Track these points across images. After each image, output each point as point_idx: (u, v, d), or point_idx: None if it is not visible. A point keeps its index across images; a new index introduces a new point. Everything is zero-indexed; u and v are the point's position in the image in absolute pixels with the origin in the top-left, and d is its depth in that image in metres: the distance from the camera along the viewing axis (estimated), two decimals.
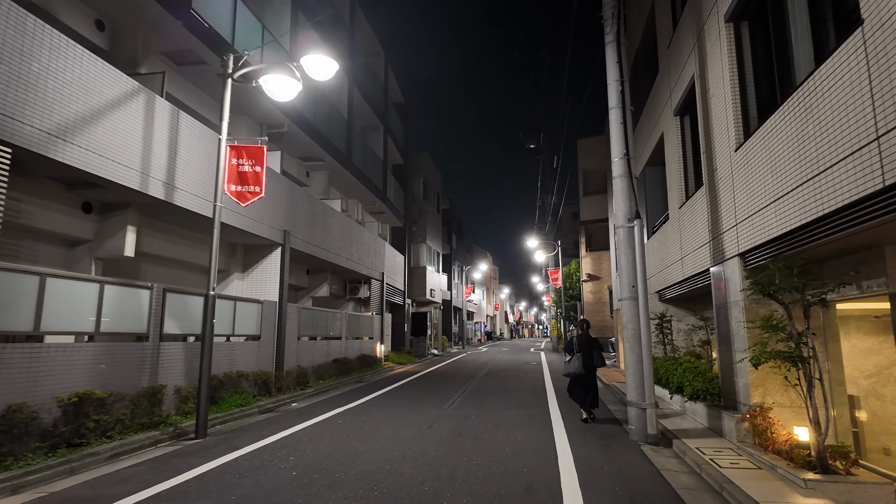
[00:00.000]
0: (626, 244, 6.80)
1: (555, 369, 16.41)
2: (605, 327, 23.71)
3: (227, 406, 8.06)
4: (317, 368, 12.05)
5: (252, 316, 9.61)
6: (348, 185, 16.01)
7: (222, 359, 8.62)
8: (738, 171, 6.15)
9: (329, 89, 14.59)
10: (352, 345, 14.57)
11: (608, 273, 24.01)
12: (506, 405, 8.99)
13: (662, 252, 10.38)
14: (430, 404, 9.06)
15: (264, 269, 10.67)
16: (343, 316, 13.96)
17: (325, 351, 12.69)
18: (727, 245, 6.56)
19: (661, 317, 9.89)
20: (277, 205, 10.53)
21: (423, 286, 24.41)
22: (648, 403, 6.28)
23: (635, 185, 6.98)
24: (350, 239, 14.68)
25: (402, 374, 14.88)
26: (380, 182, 17.98)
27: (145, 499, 4.12)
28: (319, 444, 6.01)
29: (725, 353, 6.71)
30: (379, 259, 17.49)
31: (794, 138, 4.80)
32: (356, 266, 15.09)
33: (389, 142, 19.83)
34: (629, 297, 6.69)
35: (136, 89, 6.93)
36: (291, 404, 9.41)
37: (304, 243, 11.71)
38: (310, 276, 14.20)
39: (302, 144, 12.85)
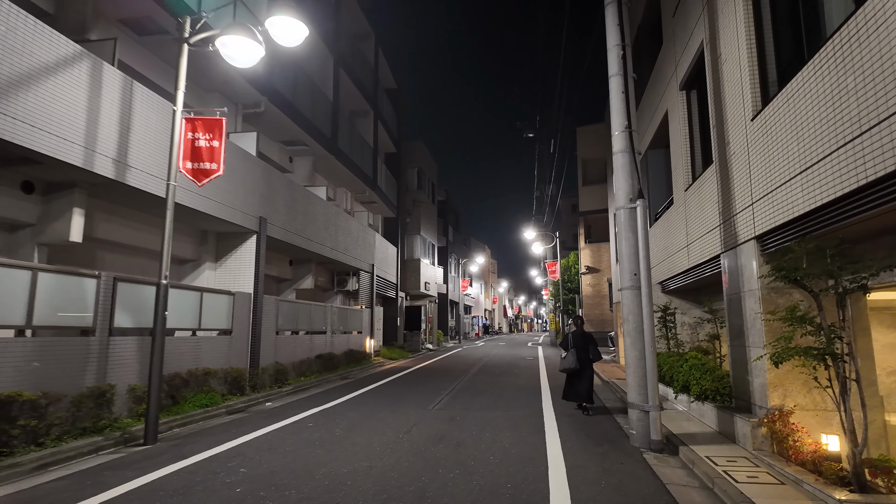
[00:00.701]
0: (628, 227, 6.07)
1: (551, 365, 15.73)
2: (604, 321, 23.03)
3: (189, 406, 7.36)
4: (298, 365, 11.35)
5: (222, 308, 8.89)
6: (335, 172, 15.25)
7: (187, 355, 7.91)
8: (756, 143, 5.41)
9: (312, 69, 13.83)
10: (338, 340, 13.88)
11: (608, 265, 23.30)
12: (495, 405, 8.29)
13: (666, 240, 9.65)
14: (414, 404, 8.36)
15: (239, 259, 9.95)
16: (328, 309, 13.25)
17: (307, 346, 11.99)
18: (741, 228, 5.83)
19: (665, 309, 9.18)
20: (252, 189, 9.79)
21: (417, 279, 23.69)
22: (652, 405, 5.58)
23: (638, 162, 6.24)
24: (336, 228, 13.94)
25: (390, 371, 14.19)
26: (370, 170, 17.22)
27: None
28: (279, 452, 5.31)
29: (738, 348, 5.99)
30: (368, 250, 16.77)
31: (827, 96, 4.06)
32: (343, 257, 14.37)
33: (380, 128, 19.05)
34: (631, 286, 5.97)
35: (79, 54, 6.17)
36: (265, 404, 8.72)
37: (284, 231, 10.98)
38: (293, 267, 13.47)
39: (282, 127, 12.10)
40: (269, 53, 10.91)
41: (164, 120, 7.40)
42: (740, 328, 5.90)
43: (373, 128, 17.91)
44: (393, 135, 21.13)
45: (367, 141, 17.37)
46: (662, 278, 10.03)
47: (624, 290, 6.04)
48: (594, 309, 23.07)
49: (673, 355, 8.50)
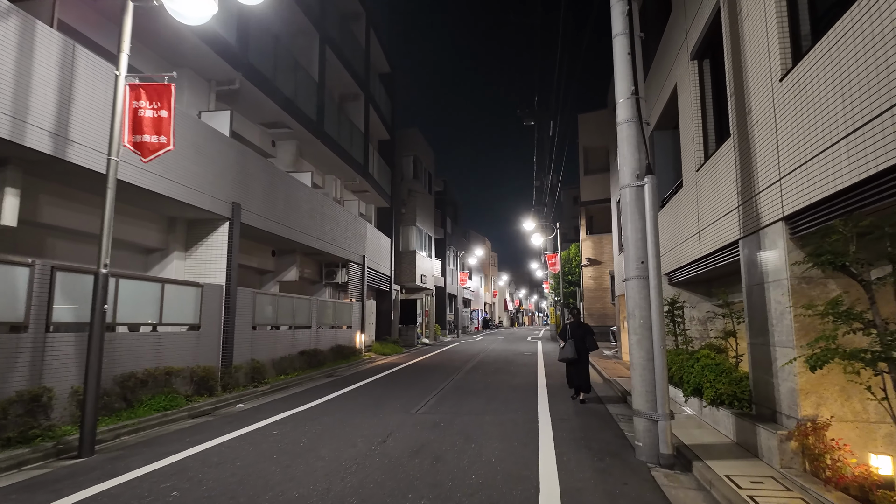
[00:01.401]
0: (635, 208, 5.28)
1: (550, 361, 14.98)
2: (605, 315, 22.26)
3: (145, 410, 6.63)
4: (278, 362, 10.61)
5: (188, 301, 8.14)
6: (322, 158, 14.45)
7: (145, 353, 7.17)
8: (785, 108, 4.60)
9: (296, 48, 13.01)
10: (325, 335, 13.14)
11: (610, 257, 22.51)
12: (486, 408, 7.54)
13: (674, 227, 8.86)
14: (398, 406, 7.62)
15: (210, 248, 9.18)
16: (313, 303, 12.50)
17: (289, 342, 11.25)
18: (765, 208, 5.04)
19: (673, 303, 8.40)
20: (223, 172, 9.01)
21: (412, 271, 22.93)
22: (661, 414, 4.81)
23: (646, 133, 5.44)
24: (323, 217, 13.16)
25: (381, 367, 13.46)
26: (360, 157, 16.40)
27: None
28: (228, 468, 4.57)
29: (760, 347, 5.22)
30: (359, 241, 15.99)
31: (887, 35, 3.25)
32: (330, 248, 13.59)
33: (372, 114, 18.20)
34: (637, 275, 5.19)
35: (5, 12, 5.38)
36: (236, 406, 7.99)
37: (262, 219, 10.20)
38: (276, 258, 12.71)
39: (262, 107, 11.29)
40: (243, 25, 10.12)
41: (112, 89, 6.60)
42: (763, 324, 5.12)
43: (364, 112, 17.08)
44: (386, 121, 20.28)
45: (358, 126, 16.54)
46: (670, 269, 9.24)
47: (629, 280, 5.26)
48: (595, 303, 22.30)
49: (682, 353, 7.74)
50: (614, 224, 16.46)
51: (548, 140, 27.91)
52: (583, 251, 22.87)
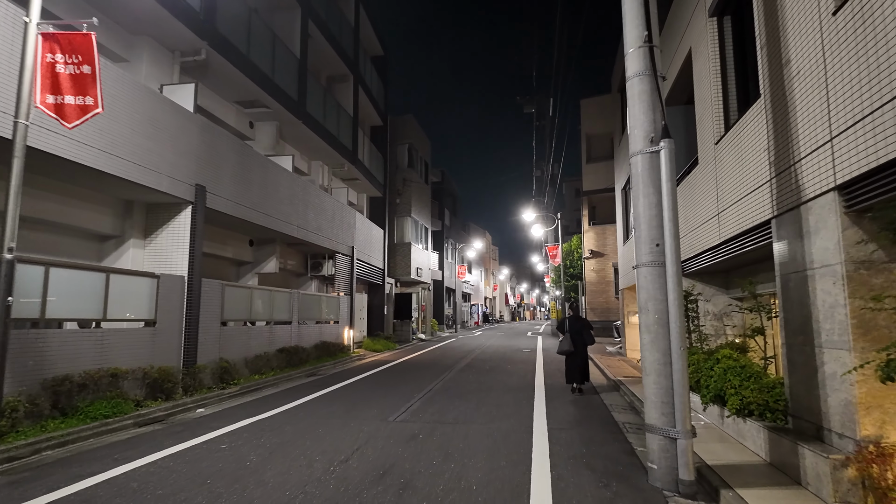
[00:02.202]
0: (648, 179, 4.35)
1: (550, 359, 14.09)
2: (609, 309, 21.33)
3: (81, 419, 5.76)
4: (253, 361, 9.74)
5: (141, 294, 7.25)
6: (306, 141, 13.51)
7: (86, 352, 6.29)
8: (840, 47, 3.66)
9: (274, 22, 12.06)
10: (308, 330, 12.26)
11: (613, 249, 21.55)
12: (475, 414, 6.65)
13: (688, 210, 7.92)
14: (375, 412, 6.74)
15: (171, 235, 8.28)
16: (294, 296, 11.61)
17: (266, 338, 10.37)
18: (809, 178, 4.10)
19: (687, 295, 7.48)
20: (185, 151, 8.10)
21: (407, 264, 22.02)
22: (681, 431, 3.90)
23: (661, 88, 4.51)
24: (305, 204, 12.25)
25: (368, 365, 12.59)
26: (349, 141, 15.46)
27: None
28: (145, 498, 3.68)
29: (800, 348, 4.30)
30: (347, 231, 15.08)
31: None
32: (314, 237, 12.69)
33: (362, 97, 17.23)
34: (650, 261, 4.26)
35: None
36: (195, 411, 7.12)
37: (233, 204, 9.30)
38: (254, 248, 11.82)
39: (235, 84, 10.36)
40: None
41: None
42: (804, 320, 4.20)
43: (353, 95, 16.11)
44: (379, 107, 19.31)
45: (346, 109, 15.58)
46: (682, 258, 8.32)
47: (641, 267, 4.34)
48: (598, 296, 21.37)
49: (698, 353, 6.82)
50: (619, 212, 15.51)
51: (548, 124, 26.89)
52: (585, 243, 21.92)
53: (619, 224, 15.60)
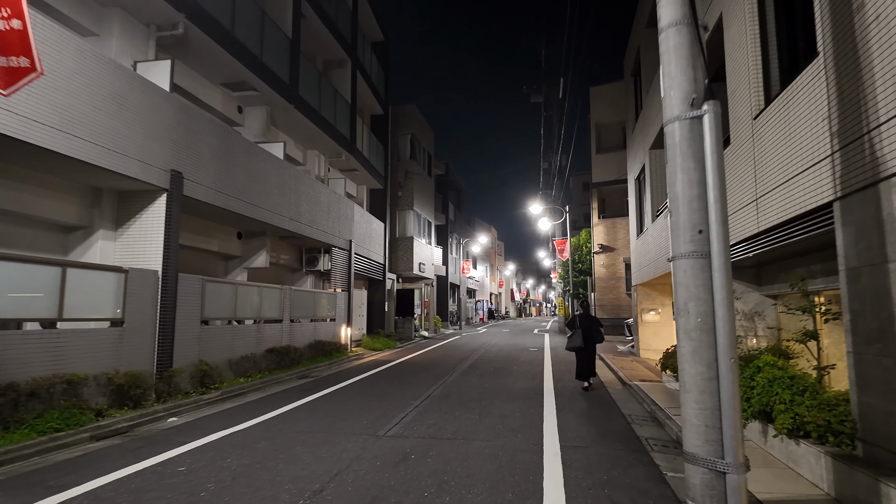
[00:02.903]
0: (688, 151, 3.53)
1: (560, 359, 13.30)
2: (619, 307, 20.48)
3: (26, 434, 5.04)
4: (238, 362, 9.02)
5: (106, 291, 6.53)
6: (300, 128, 12.75)
7: (38, 357, 5.58)
8: None
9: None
10: (301, 329, 11.53)
11: (624, 243, 20.67)
12: (477, 427, 5.87)
13: None
14: (364, 424, 5.99)
15: (145, 226, 7.55)
16: (285, 293, 10.87)
17: (253, 338, 9.65)
18: (892, 147, 3.28)
19: None
20: (158, 133, 7.35)
21: (409, 259, 21.26)
22: (732, 463, 3.11)
23: (703, 40, 3.68)
24: (297, 194, 11.50)
25: (366, 366, 11.85)
26: (346, 129, 14.67)
27: None
28: None
29: (878, 361, 3.49)
30: (345, 223, 14.32)
31: None
32: (308, 230, 11.94)
33: (361, 83, 16.43)
34: (691, 252, 3.45)
35: None
36: (166, 420, 6.41)
37: (215, 193, 8.55)
38: (243, 241, 11.08)
39: (220, 63, 9.59)
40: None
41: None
42: (884, 326, 3.39)
43: (350, 81, 15.30)
44: (379, 94, 18.50)
45: (344, 96, 14.79)
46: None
47: (679, 259, 3.52)
48: (608, 293, 20.52)
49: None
50: (632, 204, 14.64)
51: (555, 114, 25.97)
52: (594, 237, 21.05)
53: (632, 217, 14.74)
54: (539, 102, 25.24)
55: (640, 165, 13.17)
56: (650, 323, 13.60)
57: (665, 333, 13.29)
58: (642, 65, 12.82)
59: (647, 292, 13.68)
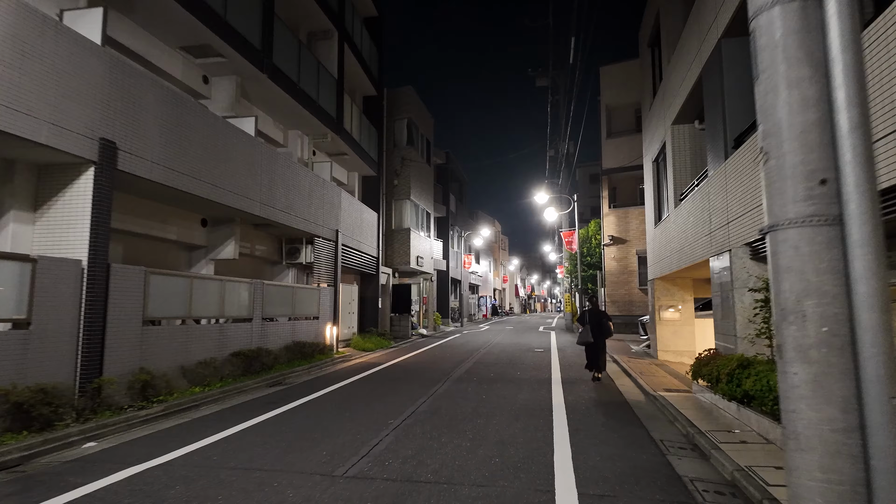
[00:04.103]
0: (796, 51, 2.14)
1: (568, 362, 11.95)
2: (631, 302, 19.08)
3: None
4: (194, 369, 7.72)
5: (6, 285, 5.22)
6: (277, 104, 11.40)
7: None
8: None
9: None
10: (276, 329, 10.23)
11: (637, 234, 19.25)
12: (468, 461, 4.53)
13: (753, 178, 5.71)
14: (324, 455, 4.67)
15: (68, 207, 6.24)
16: (257, 287, 9.56)
17: (214, 340, 8.34)
18: None
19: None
20: (81, 92, 6.03)
21: (406, 252, 19.91)
22: None
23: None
24: (272, 177, 10.17)
25: (350, 370, 10.55)
26: (331, 107, 13.30)
27: None
28: None
29: None
30: (330, 211, 12.98)
31: None
32: (284, 217, 10.61)
33: (350, 59, 15.03)
34: (807, 216, 2.07)
35: None
36: (82, 446, 5.14)
37: (162, 170, 7.23)
38: (208, 229, 9.76)
39: (173, 20, 8.24)
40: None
41: None
42: None
43: (337, 54, 13.91)
44: (371, 74, 17.10)
45: (329, 70, 13.41)
46: (750, 236, 6.13)
47: (783, 228, 2.14)
48: (619, 288, 19.11)
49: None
50: (648, 189, 13.22)
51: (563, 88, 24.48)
52: (605, 228, 19.63)
53: (649, 204, 13.32)
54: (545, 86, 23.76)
55: (658, 145, 11.76)
56: (669, 321, 12.21)
57: (686, 333, 11.92)
58: (662, 31, 11.39)
59: (666, 287, 12.29)
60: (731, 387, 5.67)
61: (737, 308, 6.43)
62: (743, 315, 6.33)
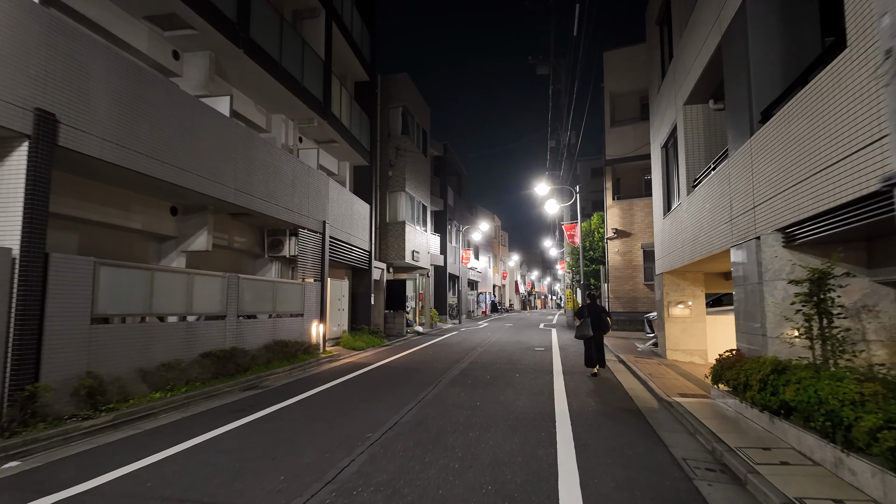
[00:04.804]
0: None
1: (571, 363, 11.16)
2: (636, 299, 18.26)
3: None
4: (156, 372, 6.92)
5: None
6: (257, 84, 10.56)
7: None
8: None
9: None
10: (253, 327, 9.42)
11: (642, 228, 18.43)
12: (456, 488, 3.73)
13: (799, 145, 4.88)
14: (282, 481, 3.88)
15: (2, 188, 5.43)
16: (229, 282, 8.74)
17: (180, 339, 7.54)
18: None
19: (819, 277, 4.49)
20: (9, 55, 5.20)
21: (401, 247, 19.09)
22: None
23: None
24: (249, 161, 9.34)
25: (336, 371, 9.75)
26: (318, 90, 12.45)
27: None
28: None
29: None
30: (317, 201, 12.15)
31: None
32: (263, 206, 9.79)
33: (340, 40, 14.16)
34: None
35: None
36: (2, 466, 4.31)
37: (115, 148, 6.40)
38: (178, 218, 8.94)
39: None
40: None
41: None
42: None
43: (325, 34, 13.04)
44: (363, 58, 16.22)
45: (316, 50, 12.54)
46: (787, 218, 5.30)
47: None
48: (624, 283, 18.29)
49: (844, 377, 3.88)
50: (657, 177, 12.39)
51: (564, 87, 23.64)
52: (608, 221, 18.79)
53: (657, 193, 12.50)
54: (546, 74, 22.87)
55: (668, 128, 10.92)
56: (679, 318, 11.41)
57: (696, 331, 11.12)
58: (672, 4, 10.55)
59: (676, 282, 11.48)
60: (763, 395, 4.87)
61: (767, 303, 5.62)
62: (774, 311, 5.52)
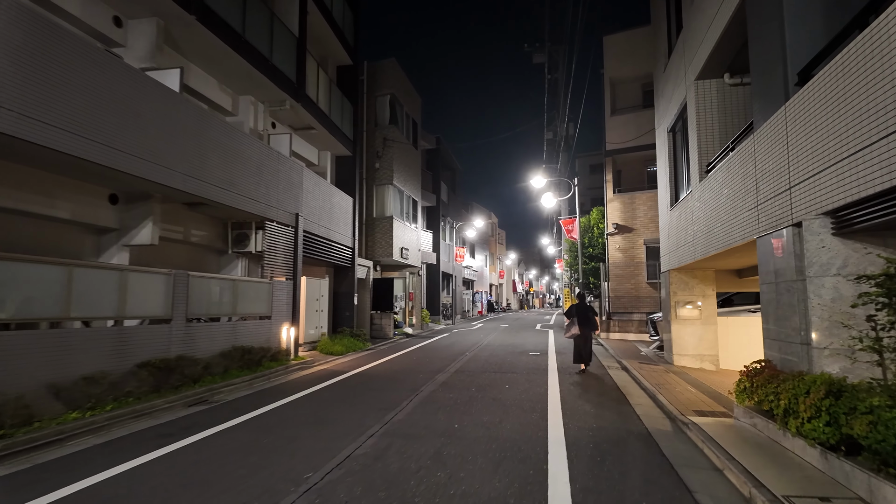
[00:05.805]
0: None
1: (570, 369, 10.05)
2: (638, 297, 17.18)
3: None
4: (73, 387, 5.80)
5: None
6: (218, 59, 9.42)
7: None
8: None
9: None
10: (208, 332, 8.31)
11: (644, 222, 17.35)
12: None
13: (858, 103, 3.78)
14: None
15: None
16: (175, 279, 7.62)
17: (109, 347, 6.42)
18: None
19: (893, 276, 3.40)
20: None
21: (388, 243, 17.97)
22: None
23: None
24: (201, 142, 8.22)
25: (304, 381, 8.65)
26: (290, 69, 11.31)
27: None
28: None
29: None
30: (289, 192, 11.04)
31: None
32: (221, 194, 8.68)
33: (317, 16, 12.99)
34: None
35: None
36: None
37: (19, 118, 5.28)
38: (119, 207, 7.82)
39: None
40: None
41: None
42: None
43: (299, 8, 11.91)
44: (345, 39, 15.08)
45: (288, 26, 11.42)
46: (833, 201, 4.21)
47: None
48: (625, 282, 17.21)
49: None
50: (663, 164, 11.29)
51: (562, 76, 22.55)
52: (608, 215, 17.70)
53: (663, 183, 11.40)
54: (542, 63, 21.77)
55: (677, 109, 9.83)
56: (687, 320, 10.32)
57: (707, 335, 10.03)
58: None
59: (684, 280, 10.39)
60: (815, 424, 3.78)
61: (811, 305, 4.52)
62: (822, 316, 4.43)
